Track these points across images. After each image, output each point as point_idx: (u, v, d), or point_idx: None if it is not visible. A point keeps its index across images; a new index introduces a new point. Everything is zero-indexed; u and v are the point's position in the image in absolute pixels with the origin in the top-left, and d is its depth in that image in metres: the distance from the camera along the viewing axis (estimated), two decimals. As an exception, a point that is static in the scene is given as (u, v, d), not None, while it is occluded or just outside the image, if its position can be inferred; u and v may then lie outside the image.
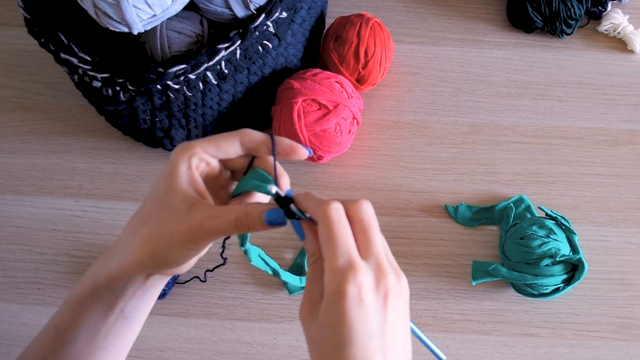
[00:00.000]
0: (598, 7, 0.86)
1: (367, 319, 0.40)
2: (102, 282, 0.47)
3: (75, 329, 0.49)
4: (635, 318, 0.72)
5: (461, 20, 0.88)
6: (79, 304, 0.48)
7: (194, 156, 0.45)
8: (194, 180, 0.45)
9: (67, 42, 0.69)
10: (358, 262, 0.40)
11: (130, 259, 0.46)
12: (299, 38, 0.76)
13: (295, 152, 0.47)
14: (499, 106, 0.82)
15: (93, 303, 0.48)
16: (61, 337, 0.49)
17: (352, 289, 0.40)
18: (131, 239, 0.46)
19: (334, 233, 0.41)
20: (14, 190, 0.79)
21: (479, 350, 0.71)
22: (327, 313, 0.40)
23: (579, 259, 0.68)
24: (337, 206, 0.42)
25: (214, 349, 0.71)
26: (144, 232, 0.45)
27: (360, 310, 0.40)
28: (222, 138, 0.46)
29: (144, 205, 0.47)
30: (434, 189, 0.78)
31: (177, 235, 0.44)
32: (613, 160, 0.79)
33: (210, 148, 0.46)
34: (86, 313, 0.49)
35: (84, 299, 0.48)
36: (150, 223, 0.45)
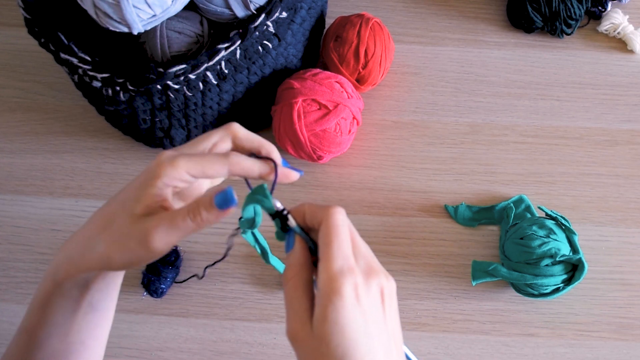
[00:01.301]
0: (598, 7, 0.86)
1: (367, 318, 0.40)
2: (63, 279, 0.47)
3: (46, 328, 0.49)
4: (635, 318, 0.72)
5: (461, 20, 0.88)
6: (45, 303, 0.48)
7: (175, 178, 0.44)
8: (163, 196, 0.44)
9: (67, 42, 0.69)
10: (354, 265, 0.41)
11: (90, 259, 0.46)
12: (299, 38, 0.76)
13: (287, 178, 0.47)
14: (499, 106, 0.82)
15: (59, 300, 0.48)
16: (33, 339, 0.49)
17: (349, 290, 0.40)
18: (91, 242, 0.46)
19: (338, 237, 0.42)
20: (14, 190, 0.79)
21: (479, 350, 0.71)
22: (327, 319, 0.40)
23: (579, 259, 0.68)
24: (341, 211, 0.43)
25: (214, 349, 0.71)
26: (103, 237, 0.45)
27: (359, 311, 0.40)
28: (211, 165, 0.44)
29: (108, 208, 0.46)
30: (434, 189, 0.78)
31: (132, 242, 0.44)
32: (613, 160, 0.79)
33: (195, 170, 0.44)
34: (54, 311, 0.48)
35: (48, 297, 0.48)
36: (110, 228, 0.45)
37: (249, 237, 0.60)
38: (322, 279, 0.41)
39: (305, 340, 0.41)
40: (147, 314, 0.73)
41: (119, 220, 0.45)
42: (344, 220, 0.43)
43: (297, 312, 0.41)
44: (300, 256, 0.43)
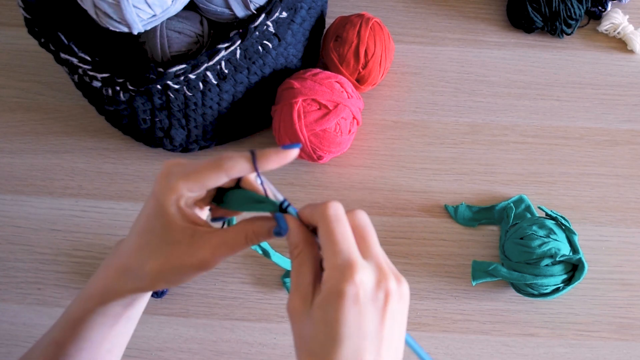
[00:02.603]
0: (598, 7, 0.86)
1: (363, 318, 0.39)
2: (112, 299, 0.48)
3: (79, 343, 0.49)
4: (635, 318, 0.72)
5: (461, 20, 0.88)
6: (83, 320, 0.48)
7: (181, 199, 0.44)
8: (186, 215, 0.45)
9: (67, 42, 0.69)
10: (358, 261, 0.40)
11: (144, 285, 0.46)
12: (299, 38, 0.76)
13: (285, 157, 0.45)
14: (499, 106, 0.82)
15: (99, 317, 0.48)
16: (63, 351, 0.49)
17: (351, 288, 0.39)
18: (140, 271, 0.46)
19: (334, 230, 0.41)
20: (14, 190, 0.79)
21: (479, 350, 0.71)
22: (323, 309, 0.40)
23: (579, 259, 0.68)
24: (336, 205, 0.42)
25: (214, 349, 0.71)
26: (154, 266, 0.45)
27: (356, 310, 0.39)
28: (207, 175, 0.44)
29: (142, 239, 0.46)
30: (434, 189, 0.78)
31: (189, 269, 0.45)
32: (613, 160, 0.79)
33: (195, 187, 0.44)
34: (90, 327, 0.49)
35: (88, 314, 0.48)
36: (156, 257, 0.45)
37: None
38: (326, 275, 0.40)
39: (302, 318, 0.41)
40: (147, 314, 0.73)
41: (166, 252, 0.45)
42: (340, 215, 0.42)
43: (299, 288, 0.42)
44: (299, 232, 0.43)
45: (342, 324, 0.39)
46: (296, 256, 0.43)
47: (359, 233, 0.42)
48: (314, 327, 0.40)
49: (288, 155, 0.44)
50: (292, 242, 0.43)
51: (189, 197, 0.45)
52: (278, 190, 0.46)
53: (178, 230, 0.45)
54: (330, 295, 0.39)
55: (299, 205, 0.45)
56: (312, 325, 0.40)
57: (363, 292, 0.39)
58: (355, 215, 0.43)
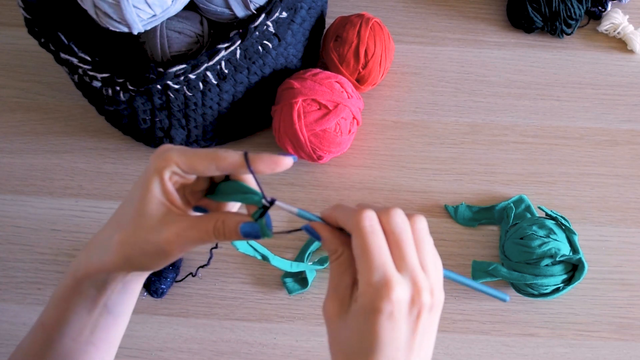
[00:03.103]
0: (598, 7, 0.86)
1: (397, 332, 0.40)
2: (82, 276, 0.48)
3: (62, 326, 0.49)
4: (635, 318, 0.72)
5: (461, 20, 0.88)
6: (64, 299, 0.49)
7: (166, 169, 0.44)
8: (167, 191, 0.45)
9: (67, 42, 0.69)
10: (394, 278, 0.40)
11: (107, 260, 0.46)
12: (299, 38, 0.76)
13: (279, 165, 0.44)
14: (499, 106, 0.82)
15: (76, 298, 0.48)
16: (49, 335, 0.50)
17: (387, 306, 0.40)
18: (108, 241, 0.46)
19: (368, 246, 0.41)
20: (14, 190, 0.79)
21: (479, 350, 0.71)
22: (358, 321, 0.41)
23: (579, 259, 0.68)
24: (371, 215, 0.42)
25: (214, 349, 0.71)
26: (119, 237, 0.45)
27: (391, 325, 0.40)
28: (198, 159, 0.45)
29: (121, 208, 0.47)
30: (434, 189, 0.78)
31: (150, 246, 0.45)
32: (613, 160, 0.79)
33: (185, 166, 0.45)
34: (71, 309, 0.49)
35: (67, 294, 0.49)
36: (125, 228, 0.46)
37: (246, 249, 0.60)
38: (361, 290, 0.41)
39: (338, 321, 0.42)
40: (147, 314, 0.73)
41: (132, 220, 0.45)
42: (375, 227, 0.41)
43: (337, 291, 0.42)
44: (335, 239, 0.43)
45: (377, 337, 0.40)
46: (335, 260, 0.43)
47: (393, 239, 0.42)
48: (350, 333, 0.41)
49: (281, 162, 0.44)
50: (328, 248, 0.43)
51: (175, 172, 0.45)
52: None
53: (154, 202, 0.45)
54: (366, 309, 0.40)
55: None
56: (348, 331, 0.41)
57: (398, 309, 0.40)
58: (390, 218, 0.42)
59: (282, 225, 0.76)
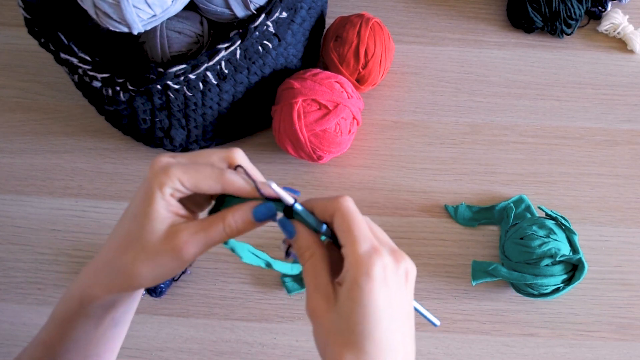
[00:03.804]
0: (598, 7, 0.86)
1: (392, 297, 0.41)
2: (90, 300, 0.47)
3: (65, 343, 0.49)
4: (635, 318, 0.72)
5: (461, 20, 0.88)
6: (68, 320, 0.48)
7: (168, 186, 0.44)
8: (170, 205, 0.44)
9: (67, 42, 0.69)
10: (380, 247, 0.42)
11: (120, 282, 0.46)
12: (299, 38, 0.76)
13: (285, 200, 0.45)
14: (499, 106, 0.82)
15: (82, 319, 0.48)
16: (51, 352, 0.49)
17: (379, 271, 0.41)
18: (118, 263, 0.45)
19: (355, 221, 0.43)
20: (14, 190, 0.79)
21: (479, 350, 0.71)
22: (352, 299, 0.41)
23: (579, 259, 0.68)
24: (349, 198, 0.44)
25: (214, 349, 0.71)
26: (130, 257, 0.45)
27: (386, 290, 0.41)
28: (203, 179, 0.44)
29: (123, 227, 0.46)
30: (434, 189, 0.78)
31: (165, 258, 0.44)
32: (613, 160, 0.79)
33: (188, 184, 0.44)
34: (76, 328, 0.48)
35: (72, 315, 0.48)
36: (134, 247, 0.45)
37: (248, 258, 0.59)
38: (350, 262, 0.41)
39: (325, 315, 0.42)
40: (147, 314, 0.73)
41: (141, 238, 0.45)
42: (355, 208, 0.44)
43: (319, 288, 0.43)
44: (309, 236, 0.44)
45: (376, 306, 0.41)
46: (309, 258, 0.43)
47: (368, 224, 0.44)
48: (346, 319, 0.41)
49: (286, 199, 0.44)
50: (302, 245, 0.44)
51: (178, 189, 0.44)
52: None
53: (159, 219, 0.44)
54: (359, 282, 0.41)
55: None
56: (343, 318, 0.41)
57: (389, 273, 0.41)
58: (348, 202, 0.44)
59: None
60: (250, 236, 0.75)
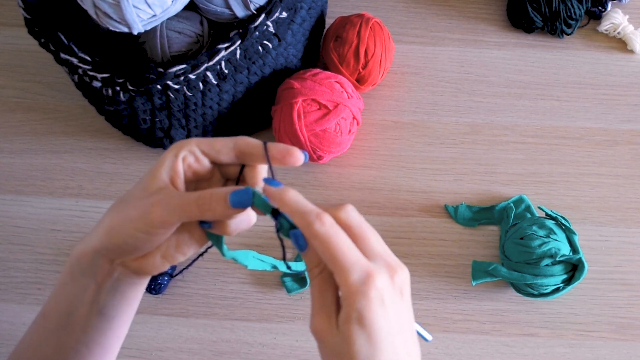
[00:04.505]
0: (598, 7, 0.86)
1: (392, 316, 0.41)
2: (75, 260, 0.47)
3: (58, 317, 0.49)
4: (635, 318, 0.72)
5: (461, 20, 0.88)
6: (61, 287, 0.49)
7: (184, 148, 0.45)
8: (174, 170, 0.45)
9: (67, 42, 0.69)
10: (372, 269, 0.40)
11: (95, 235, 0.47)
12: (299, 38, 0.76)
13: (291, 155, 0.44)
14: (499, 106, 0.82)
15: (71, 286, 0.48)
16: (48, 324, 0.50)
17: (375, 294, 0.40)
18: (102, 219, 0.47)
19: (336, 248, 0.40)
20: (14, 190, 0.79)
21: (479, 350, 0.71)
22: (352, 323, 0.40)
23: (579, 259, 0.69)
24: (325, 218, 0.41)
25: (214, 349, 0.71)
26: (111, 210, 0.47)
27: (384, 311, 0.40)
28: (217, 139, 0.47)
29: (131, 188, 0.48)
30: (434, 189, 0.78)
31: (133, 210, 0.44)
32: (613, 160, 0.79)
33: (203, 144, 0.46)
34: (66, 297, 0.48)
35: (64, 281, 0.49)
36: (119, 204, 0.47)
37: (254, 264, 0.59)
38: (344, 292, 0.40)
39: (328, 336, 0.41)
40: (147, 314, 0.73)
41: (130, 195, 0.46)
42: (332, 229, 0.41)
43: (323, 307, 0.41)
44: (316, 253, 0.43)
45: (378, 328, 0.40)
46: (317, 275, 0.42)
47: (355, 233, 0.42)
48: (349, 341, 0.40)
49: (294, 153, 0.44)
50: (312, 260, 0.42)
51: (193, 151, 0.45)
52: None
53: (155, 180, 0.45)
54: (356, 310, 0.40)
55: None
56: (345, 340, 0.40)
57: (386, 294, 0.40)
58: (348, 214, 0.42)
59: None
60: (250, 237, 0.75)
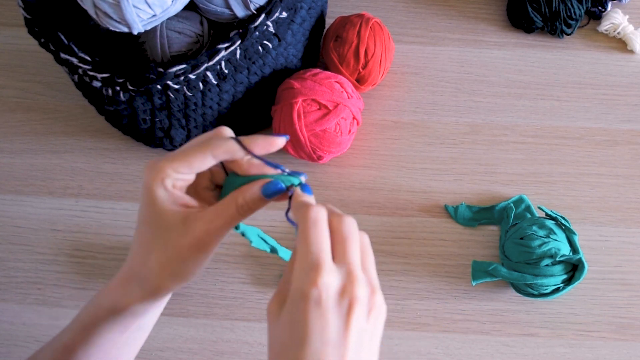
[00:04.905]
0: (598, 7, 0.86)
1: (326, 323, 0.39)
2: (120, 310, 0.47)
3: (88, 348, 0.49)
4: (635, 318, 0.72)
5: (461, 20, 0.88)
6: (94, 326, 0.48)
7: (167, 179, 0.44)
8: (175, 198, 0.44)
9: (67, 42, 0.69)
10: (325, 264, 0.39)
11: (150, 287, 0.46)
12: (299, 38, 0.76)
13: (273, 145, 0.45)
14: (499, 106, 0.82)
15: (109, 325, 0.48)
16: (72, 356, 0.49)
17: (314, 290, 0.39)
18: (144, 271, 0.45)
19: (308, 233, 0.40)
20: (14, 190, 0.79)
21: (479, 350, 0.71)
22: (289, 312, 0.39)
23: (579, 259, 0.69)
24: (318, 209, 0.41)
25: (214, 349, 0.71)
26: (154, 259, 0.45)
27: (319, 313, 0.38)
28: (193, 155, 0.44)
29: (140, 235, 0.46)
30: (434, 189, 0.78)
31: (187, 251, 0.44)
32: (613, 160, 0.79)
33: (182, 167, 0.44)
34: (101, 334, 0.48)
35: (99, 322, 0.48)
36: (155, 250, 0.45)
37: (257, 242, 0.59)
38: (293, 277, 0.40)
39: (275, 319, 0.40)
40: (147, 314, 0.73)
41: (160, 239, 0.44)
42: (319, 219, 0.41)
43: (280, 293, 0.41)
44: None
45: (305, 326, 0.38)
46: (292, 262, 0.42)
47: (338, 239, 0.41)
48: (281, 329, 0.40)
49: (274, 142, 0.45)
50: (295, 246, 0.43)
51: (177, 178, 0.44)
52: None
53: (169, 215, 0.44)
54: (295, 297, 0.39)
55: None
56: (280, 328, 0.40)
57: (325, 295, 0.39)
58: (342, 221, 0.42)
59: (283, 225, 0.76)
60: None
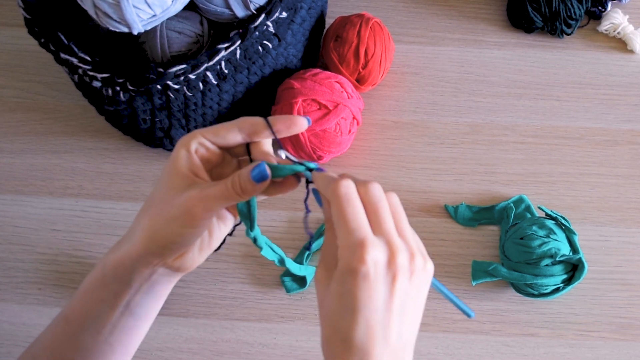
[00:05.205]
0: (598, 7, 0.86)
1: (373, 293, 0.41)
2: (109, 268, 0.48)
3: (84, 321, 0.49)
4: (635, 318, 0.72)
5: (461, 20, 0.88)
6: (89, 292, 0.49)
7: (193, 140, 0.47)
8: (192, 163, 0.47)
9: (67, 42, 0.69)
10: (369, 239, 0.41)
11: (135, 242, 0.47)
12: (299, 38, 0.76)
13: (295, 124, 0.48)
14: (499, 106, 0.82)
15: (101, 292, 0.49)
16: (70, 328, 0.50)
17: (362, 266, 0.41)
18: (136, 225, 0.48)
19: (344, 211, 0.42)
20: (14, 190, 0.79)
21: (479, 350, 0.71)
22: (338, 284, 0.41)
23: (579, 259, 0.69)
24: (347, 184, 0.43)
25: (214, 349, 0.71)
26: (147, 215, 0.47)
27: (367, 286, 0.41)
28: (221, 125, 0.48)
29: (151, 193, 0.49)
30: (434, 189, 0.78)
31: (174, 209, 0.46)
32: (613, 160, 0.79)
33: (209, 134, 0.47)
34: (94, 303, 0.49)
35: (93, 287, 0.49)
36: (152, 207, 0.47)
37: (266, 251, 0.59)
38: (339, 253, 0.42)
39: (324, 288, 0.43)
40: (147, 314, 0.73)
41: (159, 197, 0.47)
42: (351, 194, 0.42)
43: (325, 259, 0.44)
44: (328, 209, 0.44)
45: (355, 299, 0.41)
46: (328, 229, 0.44)
47: (371, 209, 0.43)
48: (332, 299, 0.42)
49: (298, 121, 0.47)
50: (325, 215, 0.45)
51: (202, 143, 0.47)
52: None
53: (180, 176, 0.46)
54: (344, 272, 0.41)
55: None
56: (331, 298, 0.42)
57: (374, 270, 0.41)
58: (368, 189, 0.43)
59: (283, 225, 0.76)
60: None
